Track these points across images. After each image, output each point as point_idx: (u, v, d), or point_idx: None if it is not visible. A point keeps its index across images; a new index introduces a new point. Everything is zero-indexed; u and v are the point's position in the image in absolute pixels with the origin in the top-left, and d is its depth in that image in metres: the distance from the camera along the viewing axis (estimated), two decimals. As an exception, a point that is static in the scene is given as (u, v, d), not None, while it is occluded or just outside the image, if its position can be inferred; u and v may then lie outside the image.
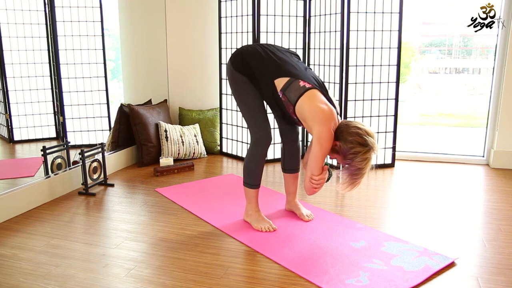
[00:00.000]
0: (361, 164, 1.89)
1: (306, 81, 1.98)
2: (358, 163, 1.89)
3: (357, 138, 1.89)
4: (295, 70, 2.02)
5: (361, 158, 1.88)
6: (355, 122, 1.96)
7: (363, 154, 1.88)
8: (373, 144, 1.89)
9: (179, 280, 1.74)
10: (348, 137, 1.90)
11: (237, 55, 2.14)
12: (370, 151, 1.89)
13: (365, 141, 1.88)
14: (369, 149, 1.88)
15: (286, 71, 2.01)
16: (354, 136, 1.89)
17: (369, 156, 1.90)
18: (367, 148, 1.88)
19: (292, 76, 1.99)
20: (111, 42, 3.70)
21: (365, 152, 1.88)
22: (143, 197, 2.73)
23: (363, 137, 1.88)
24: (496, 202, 2.63)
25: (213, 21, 3.77)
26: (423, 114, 6.76)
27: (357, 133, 1.89)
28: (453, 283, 1.72)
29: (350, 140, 1.89)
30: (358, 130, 1.90)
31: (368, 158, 1.90)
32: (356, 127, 1.91)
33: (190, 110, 3.91)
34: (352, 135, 1.90)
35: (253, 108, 2.13)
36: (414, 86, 6.98)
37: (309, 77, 2.03)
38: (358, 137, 1.89)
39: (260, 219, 2.24)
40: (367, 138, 1.88)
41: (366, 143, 1.88)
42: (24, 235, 2.16)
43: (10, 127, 2.83)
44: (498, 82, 3.39)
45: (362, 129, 1.90)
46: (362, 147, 1.88)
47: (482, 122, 4.30)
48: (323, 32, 3.33)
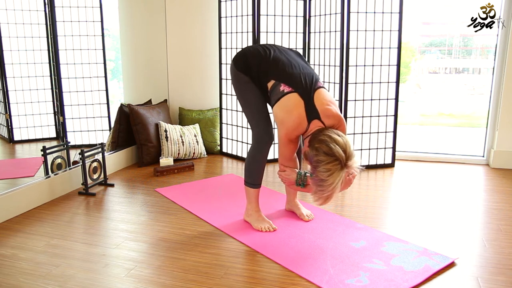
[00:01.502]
0: (324, 175, 1.74)
1: (288, 84, 1.98)
2: (321, 173, 1.74)
3: (322, 146, 1.76)
4: (283, 72, 2.03)
5: (324, 168, 1.74)
6: (330, 130, 1.84)
7: (325, 164, 1.73)
8: (340, 156, 1.73)
9: (179, 280, 1.74)
10: (315, 144, 1.80)
11: (240, 55, 2.17)
12: (334, 163, 1.73)
13: (330, 150, 1.73)
14: (333, 160, 1.73)
15: (275, 74, 2.04)
16: (321, 143, 1.78)
17: (334, 168, 1.73)
18: (332, 159, 1.73)
19: (278, 79, 2.02)
20: (111, 42, 3.70)
21: (328, 162, 1.73)
22: (143, 197, 2.73)
23: (329, 146, 1.74)
24: (496, 202, 2.63)
25: (213, 21, 3.77)
26: (423, 114, 6.77)
27: (325, 140, 1.77)
28: (453, 283, 1.72)
29: (316, 147, 1.78)
30: (327, 138, 1.77)
31: (332, 170, 1.73)
32: (327, 135, 1.79)
33: (190, 110, 3.91)
34: (319, 142, 1.79)
35: (255, 108, 2.14)
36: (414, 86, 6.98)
37: (295, 79, 1.99)
38: (324, 145, 1.76)
39: (260, 219, 2.24)
40: (334, 147, 1.73)
41: (331, 153, 1.73)
42: (24, 235, 2.16)
43: (10, 127, 2.83)
44: (498, 82, 3.39)
45: (333, 138, 1.77)
46: (326, 157, 1.74)
47: (482, 122, 4.30)
48: (323, 32, 3.33)
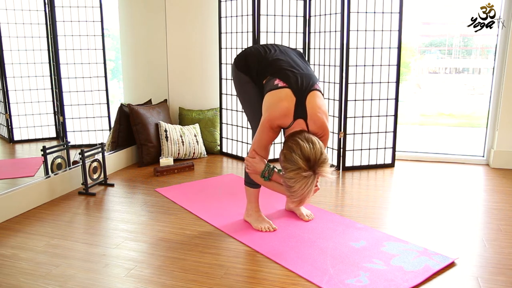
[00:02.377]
0: (290, 181, 1.74)
1: (283, 80, 1.96)
2: (287, 180, 1.75)
3: (288, 153, 1.75)
4: (282, 70, 2.02)
5: (288, 176, 1.74)
6: (302, 137, 1.79)
7: (289, 171, 1.74)
8: (301, 166, 1.71)
9: (179, 280, 1.74)
10: (284, 149, 1.80)
11: (241, 55, 2.19)
12: (296, 171, 1.72)
13: (292, 159, 1.73)
14: (296, 168, 1.72)
15: (274, 71, 2.03)
16: (287, 150, 1.77)
17: (297, 176, 1.72)
18: (294, 167, 1.72)
19: (274, 75, 2.01)
20: (111, 42, 3.70)
21: (291, 170, 1.73)
22: (143, 197, 2.73)
23: (292, 155, 1.73)
24: (496, 202, 2.63)
25: (213, 21, 3.77)
26: (423, 114, 6.76)
27: (291, 147, 1.75)
28: (453, 283, 1.72)
29: (284, 153, 1.79)
30: (294, 145, 1.75)
31: (296, 178, 1.72)
32: (295, 141, 1.76)
33: (190, 110, 3.91)
34: (286, 149, 1.78)
35: (256, 107, 2.14)
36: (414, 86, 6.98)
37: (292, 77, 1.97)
38: (289, 152, 1.75)
39: (260, 219, 2.24)
40: (296, 157, 1.71)
41: (294, 162, 1.72)
42: (24, 235, 2.16)
43: (10, 127, 2.83)
44: (498, 82, 3.39)
45: (300, 146, 1.74)
46: (290, 164, 1.74)
47: (482, 122, 4.30)
48: (323, 32, 3.33)
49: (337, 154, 3.33)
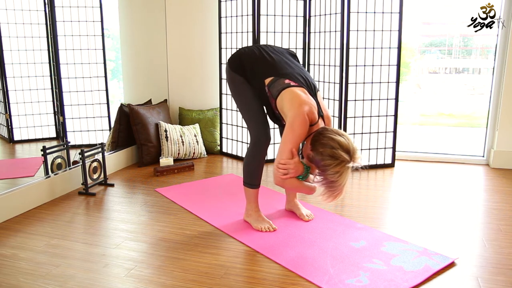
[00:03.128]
0: (334, 177, 1.80)
1: (293, 80, 1.98)
2: (330, 176, 1.80)
3: (327, 150, 1.80)
4: (285, 70, 2.03)
5: (332, 171, 1.79)
6: (331, 131, 1.86)
7: (334, 167, 1.79)
8: (344, 159, 1.78)
9: (179, 280, 1.74)
10: (319, 148, 1.83)
11: (235, 56, 2.17)
12: (341, 165, 1.79)
13: (335, 154, 1.78)
14: (340, 162, 1.78)
15: (276, 71, 2.03)
16: (325, 147, 1.80)
17: (342, 169, 1.79)
18: (337, 161, 1.78)
19: (280, 76, 2.00)
20: (111, 42, 3.70)
21: (336, 165, 1.78)
22: (143, 197, 2.73)
23: (333, 150, 1.78)
24: (496, 202, 2.63)
25: (213, 21, 3.77)
26: (423, 114, 6.77)
27: (329, 144, 1.80)
28: (453, 283, 1.72)
29: (321, 152, 1.81)
30: (331, 142, 1.80)
31: (340, 171, 1.79)
32: (329, 137, 1.82)
33: (190, 110, 3.91)
34: (323, 146, 1.81)
35: (252, 108, 2.14)
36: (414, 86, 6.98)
37: (298, 77, 2.01)
38: (329, 149, 1.79)
39: (260, 219, 2.24)
40: (338, 152, 1.78)
41: (337, 157, 1.78)
42: (24, 235, 2.16)
43: (10, 127, 2.83)
44: (498, 82, 3.39)
45: (336, 140, 1.80)
46: (333, 160, 1.79)
47: (482, 122, 4.30)
48: (323, 32, 3.33)
49: (337, 154, 3.33)
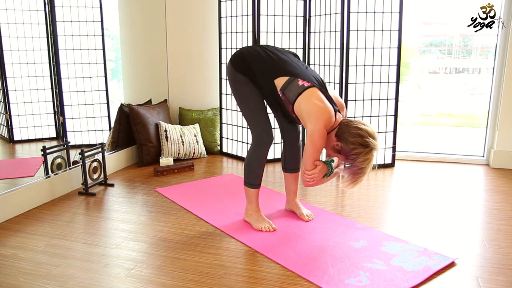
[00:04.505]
0: (363, 164, 1.92)
1: (306, 79, 1.99)
2: (360, 163, 1.91)
3: (358, 139, 1.90)
4: (294, 69, 2.03)
5: (363, 159, 1.90)
6: (356, 122, 1.97)
7: (364, 154, 1.90)
8: (374, 145, 1.90)
9: (179, 280, 1.74)
10: (349, 138, 1.92)
11: (237, 56, 2.15)
12: (371, 151, 1.91)
13: (366, 142, 1.89)
14: (370, 149, 1.90)
15: (285, 71, 2.02)
16: (356, 137, 1.91)
17: (371, 156, 1.92)
18: (368, 149, 1.90)
19: (292, 75, 2.00)
20: (111, 42, 3.70)
21: (366, 152, 1.90)
22: (143, 197, 2.73)
23: (364, 139, 1.90)
24: (496, 202, 2.63)
25: (213, 21, 3.77)
26: (423, 114, 6.77)
27: (359, 134, 1.91)
28: (453, 283, 1.72)
29: (352, 141, 1.91)
30: (360, 131, 1.91)
31: (370, 158, 1.92)
32: (357, 127, 1.93)
33: (190, 110, 3.91)
34: (353, 136, 1.91)
35: (254, 108, 2.14)
36: (414, 86, 6.98)
37: (309, 75, 2.03)
38: (359, 138, 1.90)
39: (260, 219, 2.24)
40: (368, 139, 1.89)
41: (367, 144, 1.89)
42: (24, 235, 2.16)
43: (10, 127, 2.83)
44: (498, 82, 3.39)
45: (363, 130, 1.91)
46: (364, 148, 1.90)
47: (482, 122, 4.30)
48: (323, 32, 3.33)
49: (337, 154, 3.33)
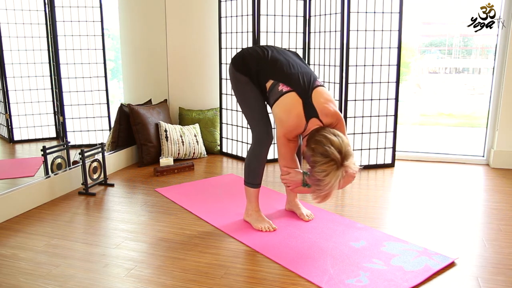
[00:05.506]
0: (320, 175, 1.77)
1: (287, 84, 1.98)
2: (317, 173, 1.78)
3: (318, 146, 1.79)
4: (283, 73, 2.02)
5: (319, 169, 1.77)
6: (327, 130, 1.85)
7: (321, 165, 1.76)
8: (335, 157, 1.75)
9: (179, 280, 1.74)
10: (311, 144, 1.83)
11: (238, 56, 2.18)
12: (330, 163, 1.75)
13: (325, 152, 1.76)
14: (329, 160, 1.75)
15: (275, 74, 2.03)
16: (316, 144, 1.80)
17: (329, 168, 1.76)
18: (327, 160, 1.76)
19: (276, 79, 2.02)
20: (111, 42, 3.70)
21: (324, 163, 1.76)
22: (143, 197, 2.73)
23: (324, 147, 1.77)
24: (496, 202, 2.63)
25: (213, 21, 3.77)
26: (423, 114, 6.76)
27: (320, 141, 1.80)
28: (453, 283, 1.72)
29: (312, 148, 1.81)
30: (323, 139, 1.79)
31: (328, 170, 1.76)
32: (323, 135, 1.81)
33: (190, 110, 3.91)
34: (315, 143, 1.81)
35: (254, 108, 2.14)
36: (414, 86, 6.98)
37: (295, 79, 1.99)
38: (320, 146, 1.78)
39: (260, 219, 2.24)
40: (329, 148, 1.76)
41: (327, 154, 1.76)
42: (24, 235, 2.16)
43: (10, 127, 2.83)
44: (498, 82, 3.39)
45: (329, 139, 1.79)
46: (322, 158, 1.77)
47: (482, 122, 4.30)
48: (323, 32, 3.33)
49: (337, 154, 3.33)
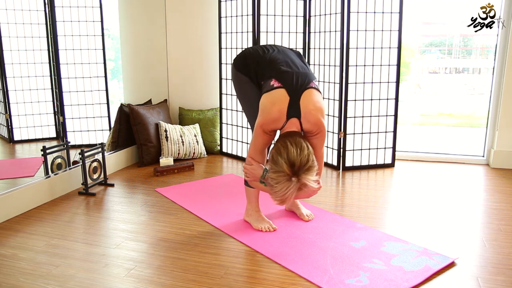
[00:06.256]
0: (272, 182, 1.78)
1: (279, 80, 1.98)
2: (270, 179, 1.79)
3: (274, 153, 1.80)
4: (277, 70, 2.02)
5: (271, 175, 1.78)
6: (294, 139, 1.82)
7: (273, 172, 1.77)
8: (284, 170, 1.74)
9: (179, 280, 1.74)
10: (272, 149, 1.84)
11: (240, 56, 2.20)
12: (279, 174, 1.75)
13: (277, 161, 1.76)
14: (278, 171, 1.75)
15: (271, 71, 2.03)
16: (275, 150, 1.81)
17: (279, 178, 1.75)
18: (276, 169, 1.76)
19: (271, 76, 2.01)
20: (111, 42, 3.70)
21: (274, 171, 1.76)
22: (143, 197, 2.73)
23: (278, 157, 1.76)
24: (496, 202, 2.63)
25: (213, 21, 3.77)
26: (423, 114, 6.76)
27: (278, 149, 1.79)
28: (453, 283, 1.72)
29: (271, 152, 1.83)
30: (281, 147, 1.78)
31: (277, 179, 1.75)
32: (285, 143, 1.79)
33: (190, 110, 3.91)
34: (275, 148, 1.82)
35: (255, 107, 2.14)
36: (414, 86, 6.98)
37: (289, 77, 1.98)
38: (276, 153, 1.79)
39: (260, 219, 2.24)
40: (281, 160, 1.75)
41: (277, 164, 1.76)
42: (24, 235, 2.16)
43: (10, 127, 2.83)
44: (498, 82, 3.39)
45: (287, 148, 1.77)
46: (274, 165, 1.78)
47: (482, 122, 4.30)
48: (323, 32, 3.33)
49: (337, 154, 3.33)
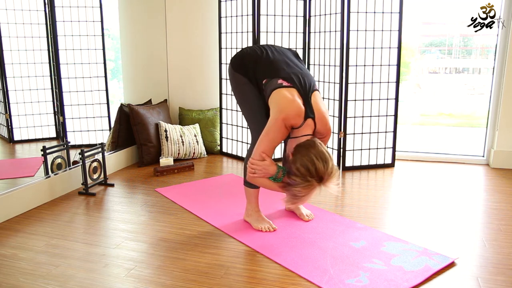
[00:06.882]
0: (300, 193, 1.82)
1: (286, 80, 1.97)
2: (297, 191, 1.82)
3: (302, 169, 1.80)
4: (282, 70, 2.02)
5: (299, 188, 1.81)
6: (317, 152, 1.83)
7: (302, 187, 1.81)
8: (314, 183, 1.80)
9: (179, 280, 1.74)
10: (297, 163, 1.82)
11: (237, 56, 2.18)
12: (309, 188, 1.81)
13: (306, 179, 1.79)
14: (308, 185, 1.80)
15: (273, 72, 2.02)
16: (302, 167, 1.81)
17: (309, 190, 1.82)
18: (306, 184, 1.80)
19: (276, 76, 2.00)
20: (111, 42, 3.70)
21: (304, 186, 1.80)
22: (143, 197, 2.73)
23: (307, 173, 1.79)
24: (496, 202, 2.63)
25: (213, 21, 3.77)
26: (423, 114, 6.77)
27: (307, 166, 1.80)
28: (453, 283, 1.72)
29: (297, 167, 1.82)
30: (309, 164, 1.79)
31: (308, 191, 1.82)
32: (311, 159, 1.80)
33: (190, 110, 3.91)
34: (301, 164, 1.81)
35: (253, 108, 2.14)
36: (414, 86, 6.98)
37: (293, 77, 1.99)
38: (305, 169, 1.80)
39: (260, 219, 2.24)
40: (311, 178, 1.79)
41: (307, 180, 1.79)
42: (24, 235, 2.16)
43: (10, 127, 2.83)
44: (498, 82, 3.39)
45: (315, 165, 1.79)
46: (303, 181, 1.80)
47: (482, 122, 4.30)
48: (323, 32, 3.33)
49: (337, 154, 3.33)
